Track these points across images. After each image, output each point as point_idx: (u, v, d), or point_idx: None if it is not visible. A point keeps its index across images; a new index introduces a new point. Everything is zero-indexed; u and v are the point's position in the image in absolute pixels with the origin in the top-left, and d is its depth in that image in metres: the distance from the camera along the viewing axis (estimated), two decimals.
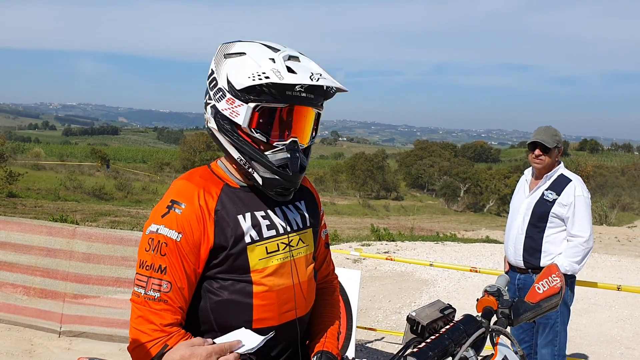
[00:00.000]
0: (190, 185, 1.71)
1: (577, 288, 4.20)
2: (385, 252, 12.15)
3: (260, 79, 1.57)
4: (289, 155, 1.66)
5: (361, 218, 39.94)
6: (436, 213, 53.80)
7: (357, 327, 4.86)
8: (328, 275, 2.09)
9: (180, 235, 1.62)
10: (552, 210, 3.98)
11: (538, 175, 4.16)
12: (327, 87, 1.66)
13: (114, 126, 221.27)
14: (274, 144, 1.66)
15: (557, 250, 4.00)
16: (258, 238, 1.70)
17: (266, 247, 1.71)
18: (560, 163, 4.14)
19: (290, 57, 1.64)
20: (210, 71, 1.73)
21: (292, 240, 1.78)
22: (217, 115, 1.68)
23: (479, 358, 1.63)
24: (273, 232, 1.73)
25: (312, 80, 1.58)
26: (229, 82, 1.65)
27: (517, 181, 4.46)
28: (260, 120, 1.64)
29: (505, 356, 1.63)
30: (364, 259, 10.38)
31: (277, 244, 1.73)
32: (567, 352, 4.27)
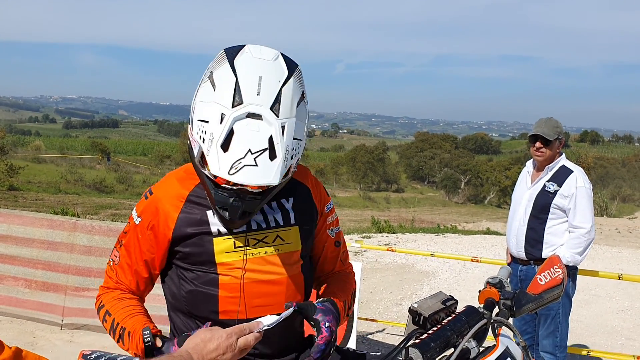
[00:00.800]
0: (171, 177, 1.81)
1: (578, 279, 4.21)
2: (385, 244, 12.17)
3: (198, 140, 1.54)
4: (230, 201, 1.59)
5: (362, 210, 39.96)
6: (437, 205, 53.79)
7: (358, 318, 4.88)
8: (342, 268, 2.06)
9: (140, 219, 1.77)
10: (554, 202, 3.98)
11: (539, 167, 4.15)
12: (280, 181, 1.53)
13: (115, 119, 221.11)
14: (221, 185, 1.59)
15: (558, 241, 4.00)
16: (226, 232, 1.72)
17: (234, 242, 1.72)
18: (561, 154, 4.13)
19: (248, 115, 1.50)
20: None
21: (266, 236, 1.76)
22: (190, 120, 1.63)
23: (481, 349, 1.64)
24: (243, 228, 1.73)
25: (229, 174, 1.47)
26: (194, 110, 1.60)
27: (519, 173, 4.46)
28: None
29: (507, 347, 1.63)
30: (364, 250, 10.39)
31: (248, 239, 1.74)
32: (568, 343, 4.28)
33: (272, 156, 1.50)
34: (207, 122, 1.51)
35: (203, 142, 1.52)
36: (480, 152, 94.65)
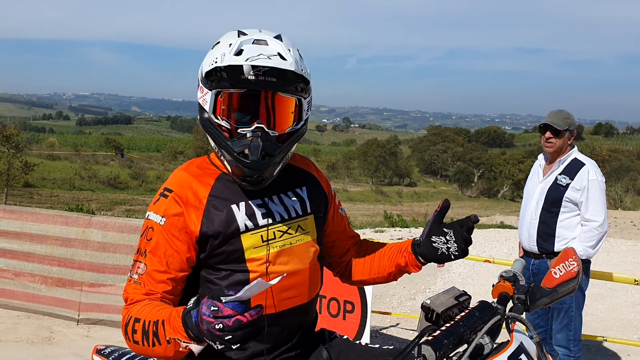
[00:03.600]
0: (184, 174, 1.74)
1: (593, 275, 4.17)
2: (399, 239, 12.13)
3: (211, 65, 1.61)
4: (249, 141, 1.61)
5: (374, 204, 39.91)
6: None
7: (372, 311, 4.87)
8: (357, 242, 2.09)
9: (164, 219, 1.66)
10: (566, 195, 3.94)
11: (551, 160, 4.12)
12: (295, 70, 1.61)
13: (128, 115, 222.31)
14: (238, 130, 1.64)
15: (571, 235, 3.97)
16: (253, 226, 1.70)
17: (262, 236, 1.71)
18: (573, 147, 4.09)
19: (254, 41, 1.62)
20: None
21: (290, 227, 1.77)
22: (198, 106, 1.70)
23: (495, 345, 1.62)
24: (269, 220, 1.73)
25: (250, 60, 1.57)
26: (200, 71, 1.69)
27: (532, 166, 4.42)
28: (223, 107, 1.64)
29: (521, 342, 1.61)
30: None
31: (274, 232, 1.73)
32: (582, 337, 4.25)
33: (283, 58, 1.60)
34: (216, 59, 1.61)
35: (215, 62, 1.60)
36: (493, 146, 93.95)
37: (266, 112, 1.65)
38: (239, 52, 1.59)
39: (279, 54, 1.59)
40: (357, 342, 1.99)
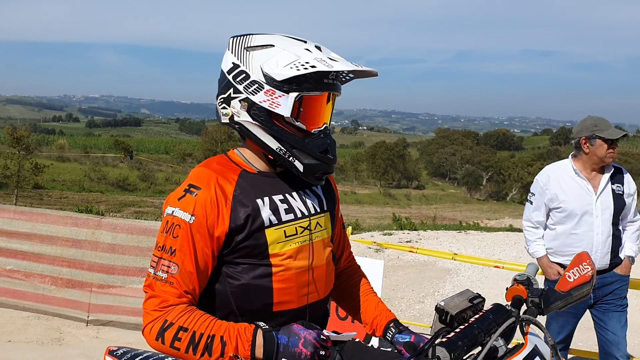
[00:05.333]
0: (207, 171, 1.73)
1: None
2: (407, 242, 12.12)
3: (305, 69, 1.62)
4: (328, 141, 1.74)
5: (382, 207, 39.90)
6: (458, 202, 53.48)
7: None
8: (350, 256, 2.15)
9: (194, 218, 1.64)
10: (626, 203, 3.83)
11: (594, 169, 3.80)
12: (347, 72, 1.74)
13: (137, 118, 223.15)
14: (312, 131, 1.72)
15: (624, 240, 3.88)
16: (277, 222, 1.71)
17: (285, 231, 1.72)
18: None
19: (316, 47, 1.71)
20: (231, 65, 1.73)
21: (310, 223, 1.79)
22: (253, 107, 1.69)
23: (509, 347, 1.61)
24: (291, 216, 1.75)
25: (356, 66, 1.67)
26: (265, 74, 1.67)
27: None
28: (301, 110, 1.69)
29: (535, 345, 1.60)
30: (386, 247, 10.36)
31: (296, 228, 1.75)
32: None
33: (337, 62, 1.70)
34: (299, 57, 1.66)
35: (313, 67, 1.62)
36: (502, 149, 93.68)
37: (328, 112, 1.78)
38: (332, 59, 1.67)
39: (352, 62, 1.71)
40: (369, 345, 1.99)
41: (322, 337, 1.55)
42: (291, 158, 1.70)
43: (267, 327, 1.59)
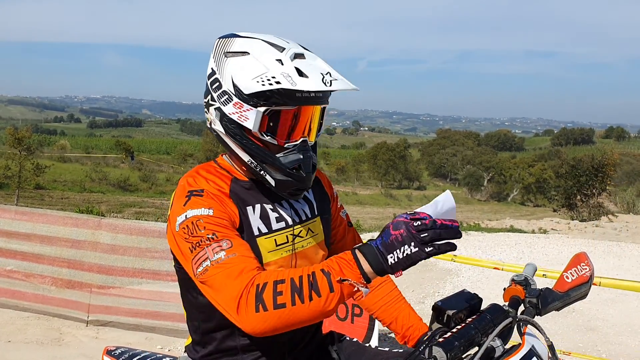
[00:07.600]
0: (198, 176, 1.67)
1: (607, 281, 4.11)
2: None
3: (270, 84, 1.52)
4: (301, 157, 1.62)
5: (383, 208, 39.87)
6: (459, 202, 53.35)
7: None
8: None
9: (211, 210, 1.55)
10: None
11: None
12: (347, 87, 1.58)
13: (138, 118, 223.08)
14: (285, 145, 1.62)
15: None
16: (267, 230, 1.67)
17: (275, 240, 1.68)
18: None
19: (296, 56, 1.58)
20: (210, 70, 1.67)
21: (300, 231, 1.75)
22: (224, 118, 1.64)
23: (506, 348, 1.61)
24: (282, 225, 1.71)
25: (325, 84, 1.52)
26: (234, 85, 1.59)
27: (542, 170, 4.21)
28: (270, 124, 1.59)
29: (532, 346, 1.60)
30: None
31: (287, 236, 1.71)
32: (594, 343, 4.19)
33: (336, 75, 1.57)
34: (267, 69, 1.55)
35: (278, 83, 1.51)
36: (503, 149, 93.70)
37: (309, 125, 1.66)
38: (302, 73, 1.53)
39: (329, 73, 1.56)
40: (367, 344, 1.98)
41: (409, 212, 1.40)
42: (262, 172, 1.64)
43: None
